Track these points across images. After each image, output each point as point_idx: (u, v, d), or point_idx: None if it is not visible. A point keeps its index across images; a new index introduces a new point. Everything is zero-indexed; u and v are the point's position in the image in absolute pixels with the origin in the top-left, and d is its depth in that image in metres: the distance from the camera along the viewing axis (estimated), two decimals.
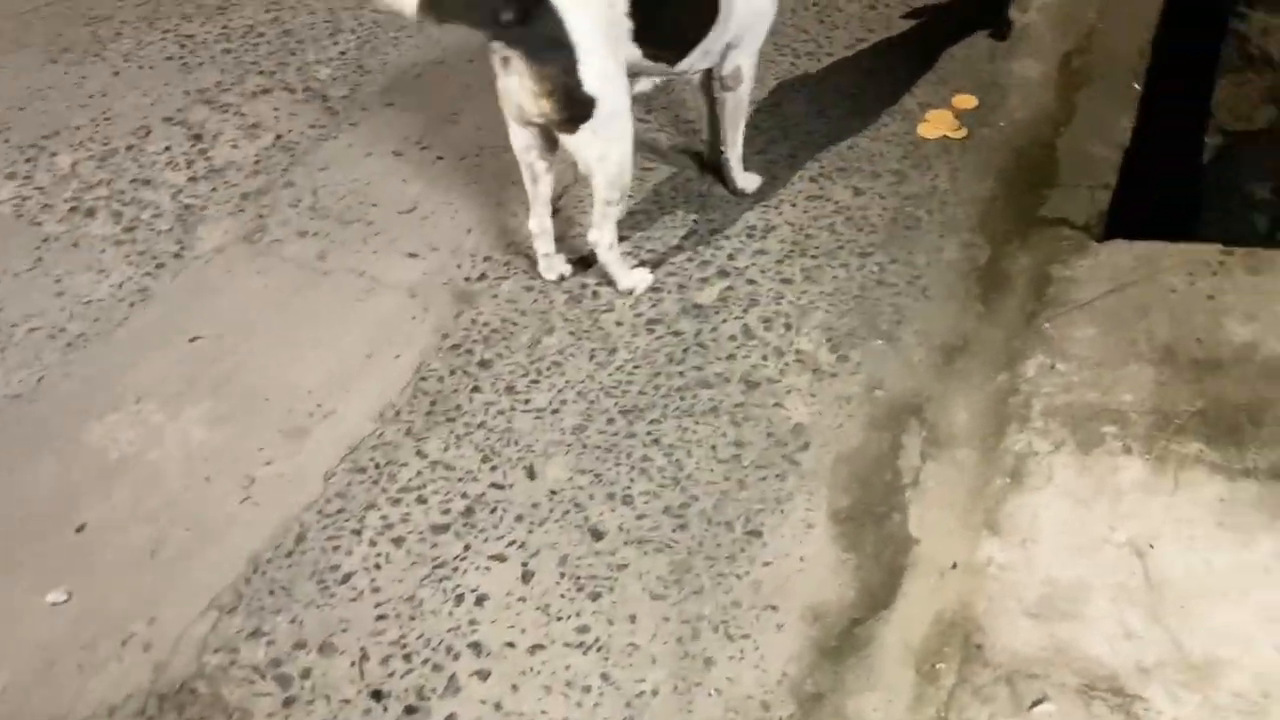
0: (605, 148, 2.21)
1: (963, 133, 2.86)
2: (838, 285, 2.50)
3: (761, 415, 2.22)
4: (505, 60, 2.11)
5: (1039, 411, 2.13)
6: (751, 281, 2.53)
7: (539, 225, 2.44)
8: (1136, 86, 2.97)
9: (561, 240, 2.56)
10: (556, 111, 2.14)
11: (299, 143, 3.02)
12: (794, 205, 2.72)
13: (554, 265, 2.52)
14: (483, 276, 2.58)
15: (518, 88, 2.13)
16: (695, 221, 2.70)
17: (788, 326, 2.41)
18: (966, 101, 2.95)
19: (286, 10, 3.55)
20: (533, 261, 2.55)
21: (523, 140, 2.26)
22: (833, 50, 3.21)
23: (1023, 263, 2.51)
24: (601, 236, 2.39)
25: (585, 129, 2.16)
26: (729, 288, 2.51)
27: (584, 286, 2.53)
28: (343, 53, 3.35)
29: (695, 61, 2.38)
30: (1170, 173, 3.23)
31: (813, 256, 2.58)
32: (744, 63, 2.48)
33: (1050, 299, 2.38)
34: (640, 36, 2.15)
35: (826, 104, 3.02)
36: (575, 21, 2.05)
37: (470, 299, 2.52)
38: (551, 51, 2.06)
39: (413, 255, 2.65)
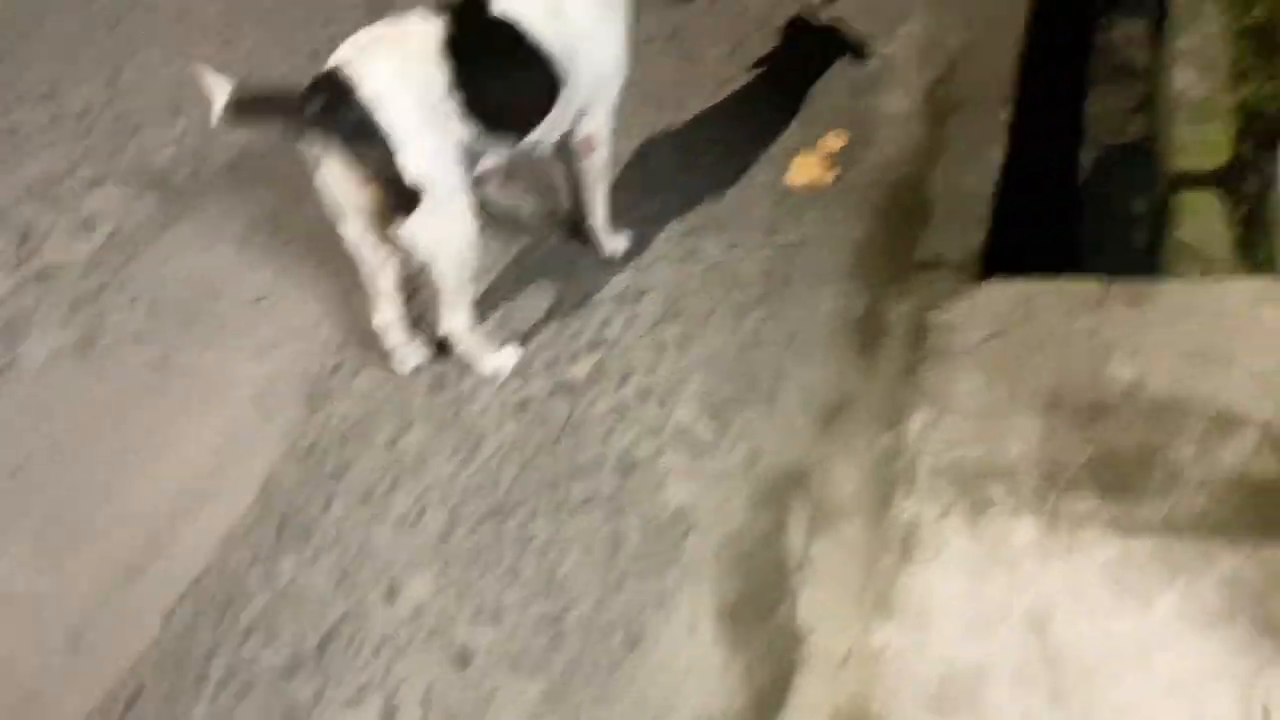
0: (442, 233, 2.06)
1: (831, 176, 2.77)
2: (713, 349, 2.38)
3: (640, 501, 2.08)
4: (318, 156, 1.95)
5: (926, 472, 2.03)
6: (624, 352, 2.39)
7: (387, 317, 2.27)
8: (1003, 114, 2.92)
9: (421, 320, 2.40)
10: (383, 200, 1.99)
11: (137, 235, 2.81)
12: (666, 265, 2.60)
13: (409, 357, 2.35)
14: (336, 369, 2.41)
15: (340, 179, 1.97)
16: (562, 290, 2.55)
17: (664, 400, 2.28)
18: (835, 142, 2.86)
19: (122, 91, 3.33)
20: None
21: (355, 230, 2.10)
22: (696, 99, 3.10)
23: (901, 310, 2.41)
24: (455, 324, 2.23)
25: (417, 217, 2.01)
26: (601, 361, 2.38)
27: (445, 373, 2.37)
28: (184, 133, 3.15)
29: (544, 135, 2.25)
30: (1047, 197, 3.19)
31: (687, 320, 2.45)
32: (596, 129, 2.34)
33: (930, 348, 2.28)
34: (471, 116, 2.01)
35: (694, 155, 2.91)
36: (387, 110, 1.90)
37: (323, 397, 2.34)
38: (366, 141, 1.91)
39: (261, 351, 2.46)
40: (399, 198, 1.96)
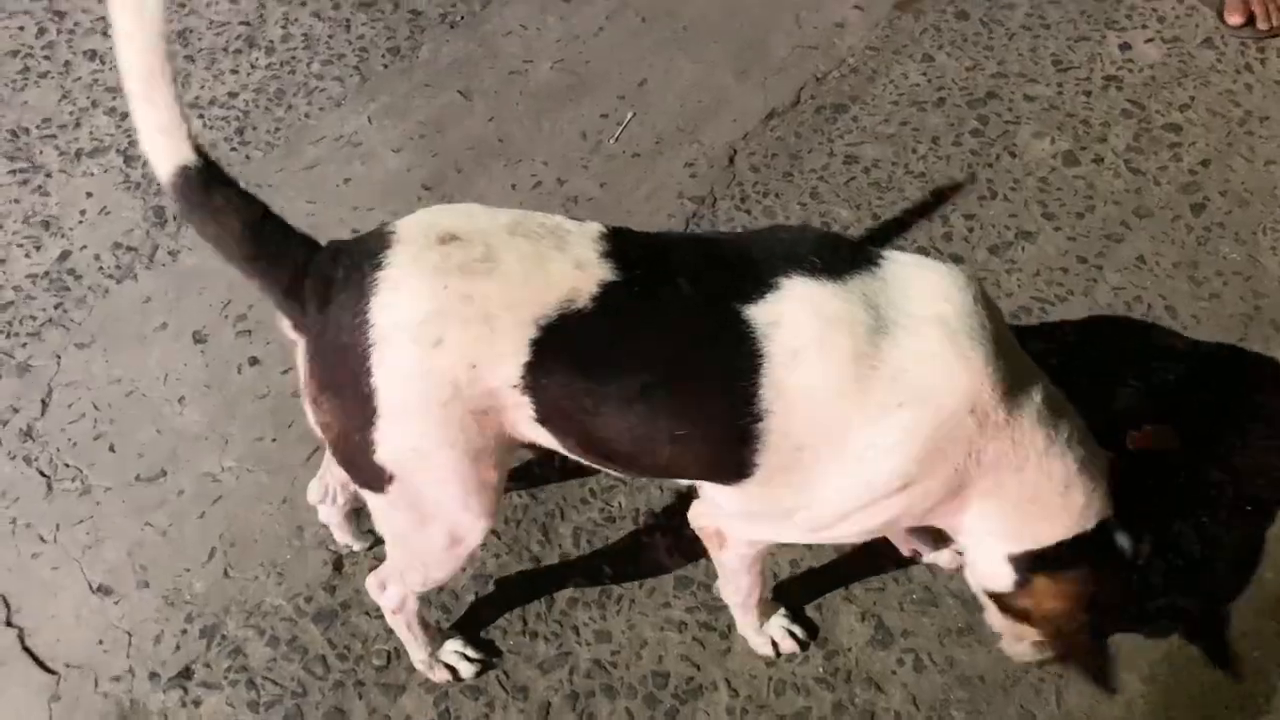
0: (402, 529, 1.33)
1: None
2: None
3: None
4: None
5: None
6: None
7: (321, 492, 1.61)
8: None
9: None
10: (335, 455, 1.26)
11: None
12: None
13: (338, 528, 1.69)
14: None
15: (301, 378, 1.25)
16: None
17: None
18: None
19: None
20: None
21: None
22: None
23: None
24: (386, 597, 1.51)
25: (377, 500, 1.27)
26: None
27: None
28: None
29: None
30: None
31: None
32: (734, 531, 1.43)
33: None
34: (553, 421, 1.23)
35: None
36: (387, 372, 1.14)
37: None
38: (341, 374, 1.17)
39: None
40: (354, 469, 1.24)
